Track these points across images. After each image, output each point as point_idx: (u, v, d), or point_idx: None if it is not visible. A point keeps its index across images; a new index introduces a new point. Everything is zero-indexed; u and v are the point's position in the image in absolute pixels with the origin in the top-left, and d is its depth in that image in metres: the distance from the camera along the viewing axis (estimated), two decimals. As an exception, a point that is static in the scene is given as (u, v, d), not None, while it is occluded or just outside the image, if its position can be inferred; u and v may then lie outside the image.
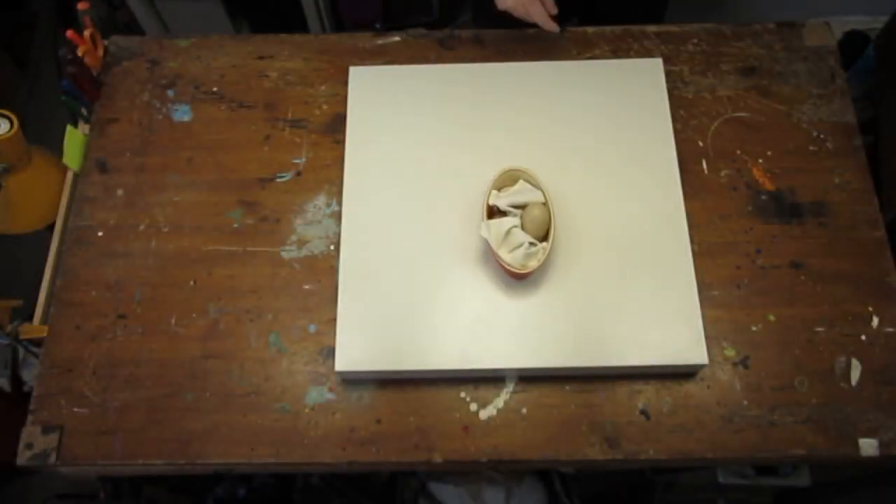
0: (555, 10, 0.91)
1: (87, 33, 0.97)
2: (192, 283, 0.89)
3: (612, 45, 1.01)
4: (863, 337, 0.84)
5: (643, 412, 0.81)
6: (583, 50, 1.00)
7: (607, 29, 1.02)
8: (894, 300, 0.86)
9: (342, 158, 0.91)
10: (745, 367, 0.83)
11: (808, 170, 0.93)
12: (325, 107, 0.98)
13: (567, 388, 0.83)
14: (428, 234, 0.85)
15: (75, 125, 0.98)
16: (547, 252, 0.79)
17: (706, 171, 0.93)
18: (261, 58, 1.02)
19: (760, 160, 0.93)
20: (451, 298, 0.82)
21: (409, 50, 1.02)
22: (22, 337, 0.88)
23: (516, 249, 0.79)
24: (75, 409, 0.83)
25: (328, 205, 0.92)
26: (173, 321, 0.87)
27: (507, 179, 0.84)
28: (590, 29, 1.02)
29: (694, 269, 0.83)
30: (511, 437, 0.81)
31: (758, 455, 0.80)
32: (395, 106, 0.93)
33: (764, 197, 0.91)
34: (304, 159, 0.95)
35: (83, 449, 0.81)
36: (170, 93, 1.00)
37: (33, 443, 0.81)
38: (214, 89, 1.00)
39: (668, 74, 0.95)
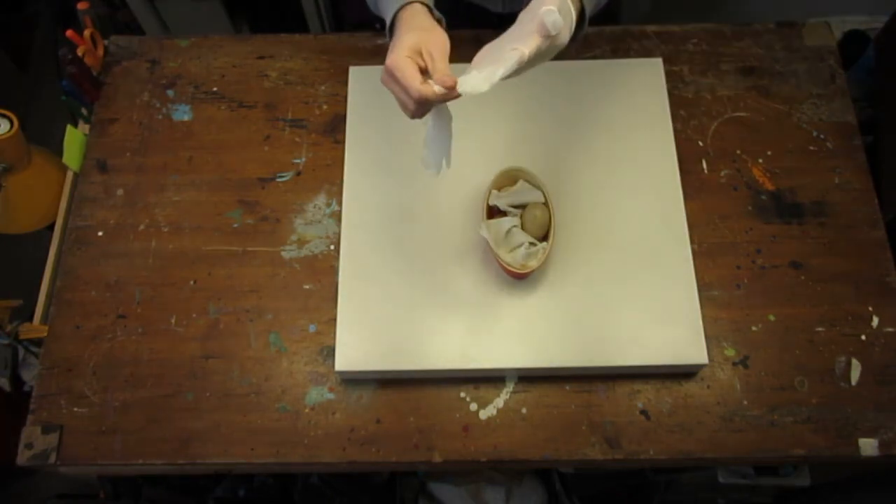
0: None
1: (87, 33, 0.97)
2: (192, 283, 0.89)
3: (612, 45, 1.01)
4: (863, 337, 0.84)
5: (643, 412, 0.81)
6: (583, 50, 1.00)
7: (607, 29, 1.01)
8: (894, 300, 0.86)
9: (342, 158, 0.91)
10: (745, 367, 0.83)
11: (808, 170, 0.93)
12: (325, 107, 0.98)
13: (567, 387, 0.83)
14: (428, 234, 0.85)
15: (75, 125, 0.98)
16: (547, 252, 0.79)
17: (706, 171, 0.93)
18: (261, 58, 1.02)
19: (760, 160, 0.93)
20: (451, 298, 0.82)
21: (409, 50, 1.02)
22: (22, 337, 0.87)
23: (516, 249, 0.79)
24: (75, 409, 0.83)
25: (328, 205, 0.92)
26: (173, 321, 0.87)
27: (507, 179, 0.84)
28: (590, 29, 1.01)
29: (694, 269, 0.83)
30: (511, 437, 0.81)
31: (758, 455, 0.80)
32: (395, 106, 0.93)
33: (764, 197, 0.91)
34: (304, 159, 0.95)
35: (83, 449, 0.81)
36: (170, 93, 1.00)
37: (33, 443, 0.81)
38: (214, 89, 1.00)
39: (668, 74, 0.94)
